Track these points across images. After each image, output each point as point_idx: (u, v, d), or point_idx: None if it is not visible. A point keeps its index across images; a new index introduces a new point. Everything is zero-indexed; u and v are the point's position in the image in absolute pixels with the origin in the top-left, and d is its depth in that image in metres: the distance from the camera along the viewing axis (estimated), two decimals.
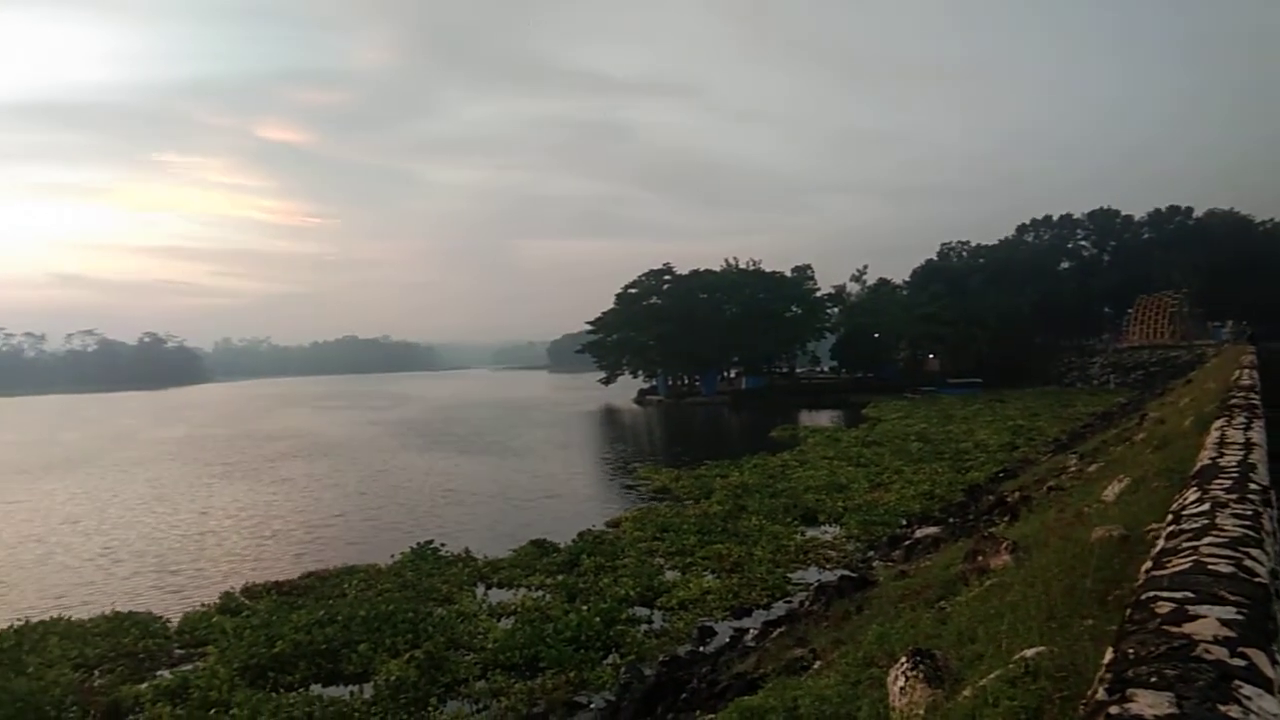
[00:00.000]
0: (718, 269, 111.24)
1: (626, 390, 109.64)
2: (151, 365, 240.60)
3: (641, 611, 18.19)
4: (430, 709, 13.17)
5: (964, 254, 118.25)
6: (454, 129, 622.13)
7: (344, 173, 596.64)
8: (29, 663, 15.52)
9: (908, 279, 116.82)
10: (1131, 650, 3.07)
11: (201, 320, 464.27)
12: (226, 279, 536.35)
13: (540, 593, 19.91)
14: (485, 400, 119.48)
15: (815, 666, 9.08)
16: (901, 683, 5.27)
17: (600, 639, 15.90)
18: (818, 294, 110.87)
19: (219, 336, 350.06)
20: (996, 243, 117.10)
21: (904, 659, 5.45)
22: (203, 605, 19.70)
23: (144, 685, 14.70)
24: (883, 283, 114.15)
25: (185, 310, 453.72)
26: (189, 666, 15.72)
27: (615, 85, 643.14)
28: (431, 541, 24.23)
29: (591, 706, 13.30)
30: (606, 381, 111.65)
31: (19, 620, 18.22)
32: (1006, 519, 15.18)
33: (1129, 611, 3.58)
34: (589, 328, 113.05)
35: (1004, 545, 8.98)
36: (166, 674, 15.32)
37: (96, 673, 15.59)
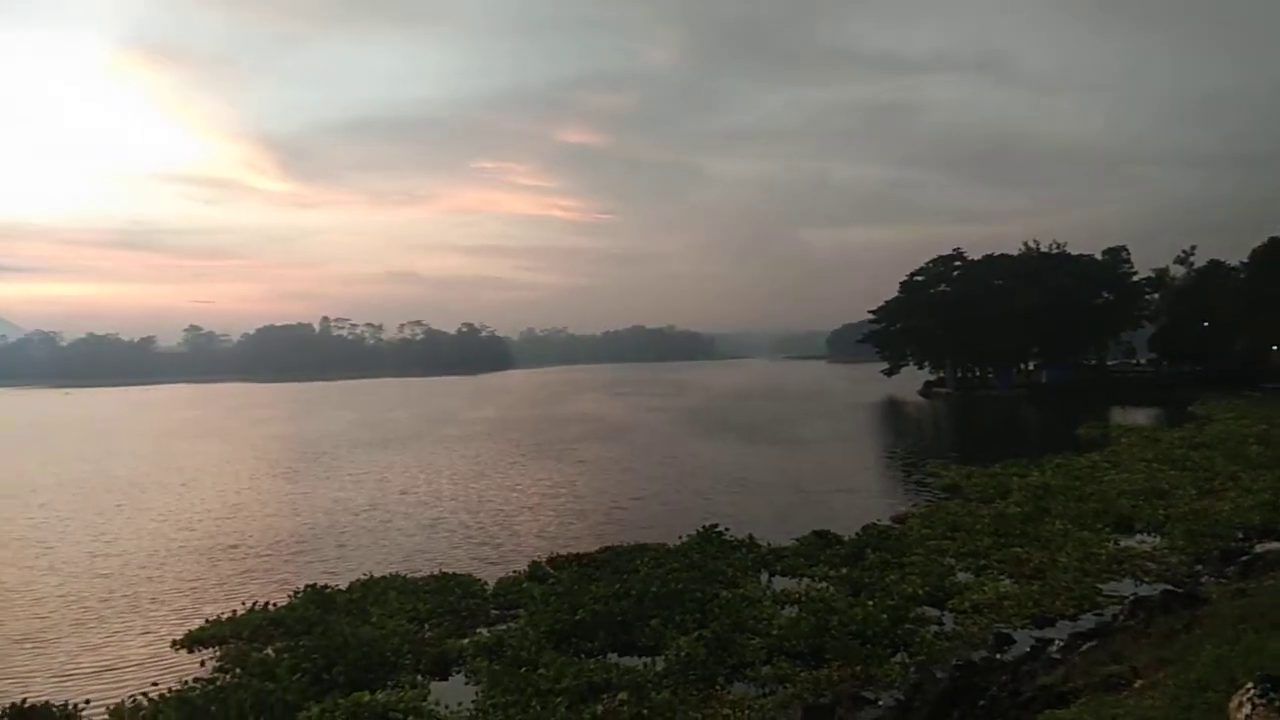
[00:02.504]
0: (1014, 253, 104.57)
1: (909, 382, 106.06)
2: (468, 352, 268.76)
3: (930, 611, 17.56)
4: (718, 687, 13.61)
5: None
6: (739, 122, 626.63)
7: (634, 170, 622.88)
8: (373, 613, 17.96)
9: (1245, 260, 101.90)
10: None
11: (509, 311, 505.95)
12: (530, 273, 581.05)
13: (824, 584, 19.83)
14: (766, 389, 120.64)
15: (1136, 685, 8.36)
16: (1248, 710, 4.76)
17: (887, 635, 15.57)
18: (1134, 278, 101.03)
19: (524, 326, 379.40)
20: None
21: (1250, 685, 4.92)
22: (514, 572, 21.73)
23: (466, 640, 16.51)
24: (1214, 265, 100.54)
25: (496, 302, 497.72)
26: (503, 626, 17.42)
27: (905, 65, 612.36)
28: (716, 525, 24.90)
29: (880, 703, 13.05)
30: (890, 372, 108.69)
31: (365, 575, 21.16)
32: None
33: None
34: (871, 317, 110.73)
35: None
36: (484, 631, 17.08)
37: (427, 626, 17.69)
